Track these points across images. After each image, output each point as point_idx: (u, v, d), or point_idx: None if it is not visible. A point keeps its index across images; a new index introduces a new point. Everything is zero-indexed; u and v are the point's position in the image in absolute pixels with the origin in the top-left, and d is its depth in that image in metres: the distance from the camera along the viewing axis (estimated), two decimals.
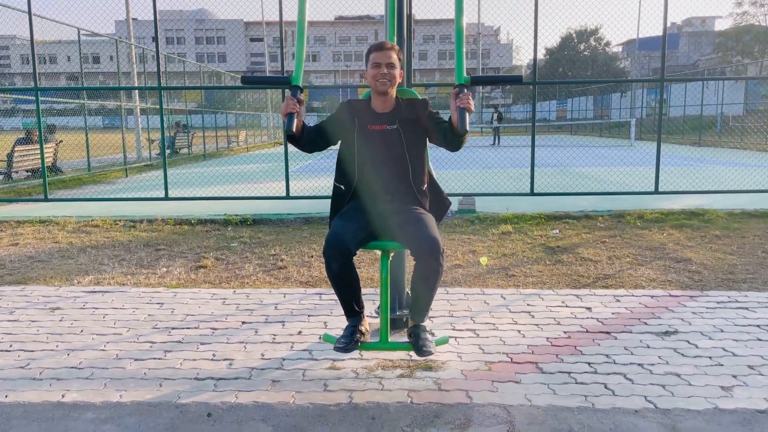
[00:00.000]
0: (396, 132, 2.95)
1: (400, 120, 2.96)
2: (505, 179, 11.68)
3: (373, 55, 2.94)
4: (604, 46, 59.01)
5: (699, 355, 3.24)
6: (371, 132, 2.96)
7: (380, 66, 2.91)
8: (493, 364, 3.16)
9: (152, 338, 3.57)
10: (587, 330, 3.65)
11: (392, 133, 2.95)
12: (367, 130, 2.97)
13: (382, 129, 2.96)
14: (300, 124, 2.85)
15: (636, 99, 33.94)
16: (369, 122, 2.98)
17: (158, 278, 4.95)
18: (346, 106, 3.07)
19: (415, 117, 2.98)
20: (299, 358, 3.26)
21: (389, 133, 2.95)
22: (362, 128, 2.97)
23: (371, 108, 3.02)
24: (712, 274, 4.90)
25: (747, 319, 3.80)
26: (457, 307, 4.09)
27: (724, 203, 8.17)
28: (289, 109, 2.77)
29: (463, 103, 2.72)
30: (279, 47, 7.01)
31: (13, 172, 11.48)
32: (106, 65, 52.56)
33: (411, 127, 2.97)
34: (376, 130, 2.96)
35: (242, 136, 26.94)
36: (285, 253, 5.80)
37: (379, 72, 2.91)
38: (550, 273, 5.00)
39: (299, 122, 2.83)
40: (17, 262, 5.51)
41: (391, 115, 2.99)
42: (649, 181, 9.56)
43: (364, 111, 3.01)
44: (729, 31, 41.70)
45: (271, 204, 8.56)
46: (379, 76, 2.91)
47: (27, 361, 3.22)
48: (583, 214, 7.58)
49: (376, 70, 2.92)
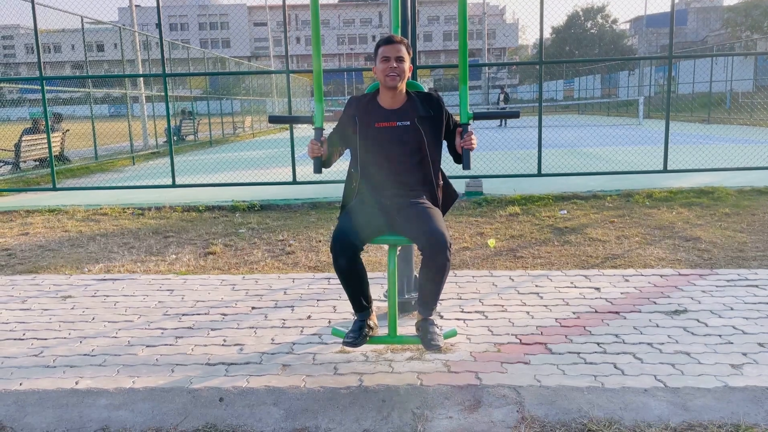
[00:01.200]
0: (411, 128, 2.91)
1: (419, 117, 2.92)
2: (512, 160, 11.63)
3: (382, 49, 2.90)
4: (612, 23, 58.33)
5: (709, 334, 3.24)
6: (378, 129, 2.92)
7: (389, 60, 2.86)
8: (503, 345, 3.17)
9: (163, 325, 3.60)
10: (596, 310, 3.65)
11: (406, 129, 2.91)
12: (372, 127, 2.92)
13: (392, 126, 2.92)
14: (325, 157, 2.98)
15: (644, 77, 33.60)
16: (375, 119, 2.93)
17: (168, 265, 4.98)
18: (347, 106, 3.04)
19: (433, 114, 2.95)
20: (309, 342, 3.28)
21: (401, 129, 2.91)
22: (366, 126, 2.93)
23: (378, 104, 2.97)
24: (722, 252, 4.87)
25: (757, 297, 3.78)
26: (465, 290, 4.09)
27: (734, 181, 8.11)
28: (314, 153, 2.93)
29: (467, 144, 2.90)
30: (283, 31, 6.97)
31: (21, 161, 11.53)
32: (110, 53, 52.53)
33: (429, 123, 2.93)
34: (384, 127, 2.92)
35: (248, 122, 26.91)
36: (293, 239, 5.82)
37: (389, 66, 2.86)
38: (558, 254, 4.99)
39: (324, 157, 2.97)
40: (28, 252, 5.55)
41: (404, 111, 2.94)
42: (658, 160, 9.49)
43: (368, 107, 2.97)
44: (738, 6, 41.02)
45: (278, 189, 8.57)
46: (389, 71, 2.86)
47: (40, 349, 3.26)
48: (592, 194, 7.54)
49: (385, 65, 2.87)
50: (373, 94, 3.03)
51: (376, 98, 3.00)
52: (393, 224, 2.89)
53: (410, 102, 2.97)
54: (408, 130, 2.91)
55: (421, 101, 2.97)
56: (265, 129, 29.20)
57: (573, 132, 20.15)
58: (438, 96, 3.03)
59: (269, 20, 41.28)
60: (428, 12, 79.16)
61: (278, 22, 55.50)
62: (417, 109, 2.94)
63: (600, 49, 53.95)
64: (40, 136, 11.73)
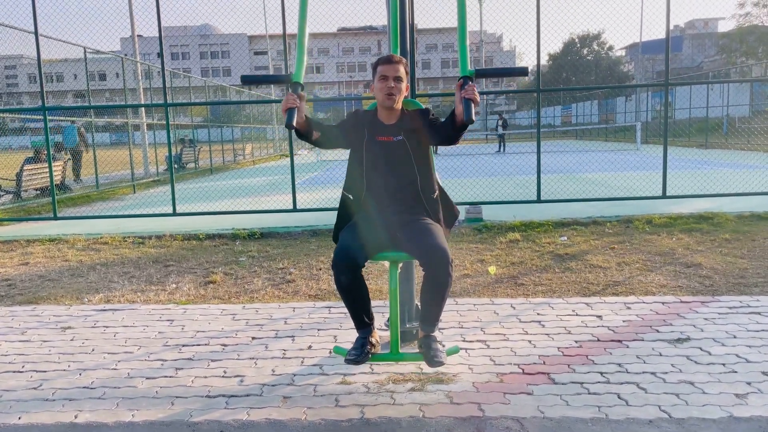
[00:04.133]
0: (402, 143, 2.97)
1: (405, 131, 2.98)
2: (511, 186, 11.67)
3: (381, 67, 2.96)
4: (608, 50, 58.99)
5: (712, 363, 3.22)
6: (378, 143, 2.98)
7: (387, 79, 2.93)
8: (505, 375, 3.14)
9: (163, 356, 3.58)
10: (599, 339, 3.63)
11: (398, 144, 2.97)
12: (375, 141, 2.99)
13: (389, 140, 2.98)
14: (302, 119, 2.83)
15: (641, 103, 33.89)
16: (376, 134, 3.00)
17: (168, 295, 4.96)
18: (354, 115, 3.09)
19: (418, 126, 2.99)
20: (310, 373, 3.26)
21: (395, 144, 2.97)
22: (371, 139, 2.99)
23: (378, 119, 3.05)
24: (723, 278, 4.87)
25: (760, 324, 3.77)
26: (466, 318, 4.08)
27: (733, 206, 8.12)
28: (288, 104, 2.76)
29: (468, 93, 2.69)
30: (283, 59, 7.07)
31: (22, 191, 11.57)
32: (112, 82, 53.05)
33: (415, 137, 2.98)
34: (383, 141, 2.98)
35: (248, 149, 27.06)
36: (293, 267, 5.81)
37: (386, 85, 2.93)
38: (559, 281, 4.98)
39: (301, 117, 2.81)
40: (28, 282, 5.54)
41: (397, 127, 3.01)
42: (657, 186, 9.52)
43: (372, 122, 3.04)
44: (732, 32, 41.57)
45: (279, 217, 8.58)
46: (386, 89, 2.93)
47: (39, 382, 3.24)
48: (591, 220, 7.55)
49: (383, 83, 2.94)
50: (374, 111, 3.10)
51: (376, 114, 3.07)
52: (394, 240, 2.90)
53: (403, 117, 3.04)
54: (400, 145, 2.98)
55: (411, 117, 3.04)
56: (266, 156, 29.35)
57: (571, 157, 20.25)
58: (426, 108, 3.10)
59: (269, 49, 41.74)
60: (427, 40, 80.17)
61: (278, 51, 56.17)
62: (407, 123, 3.01)
63: (596, 76, 54.45)
64: (42, 165, 11.78)
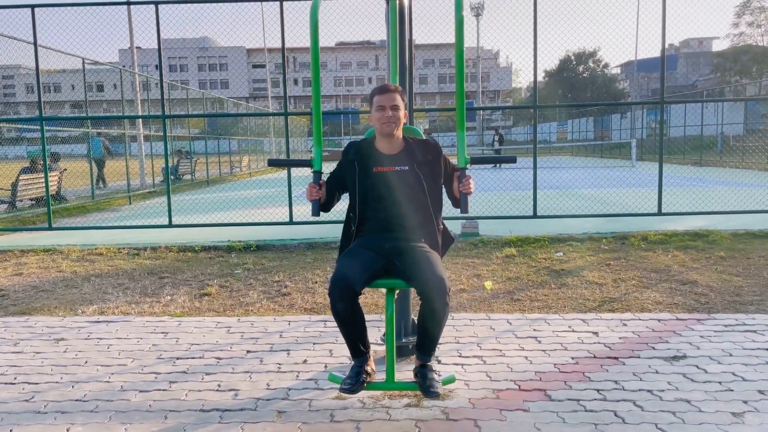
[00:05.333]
0: (410, 173, 2.95)
1: (417, 162, 2.97)
2: (507, 202, 11.69)
3: (377, 98, 2.96)
4: (603, 68, 59.49)
5: (709, 380, 3.21)
6: (377, 174, 2.97)
7: (384, 109, 2.93)
8: (501, 391, 3.13)
9: (157, 369, 3.55)
10: (595, 355, 3.62)
11: (405, 174, 2.96)
12: (371, 172, 2.97)
13: (390, 170, 2.96)
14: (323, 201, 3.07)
15: (636, 120, 34.10)
16: (374, 164, 2.98)
17: (162, 307, 4.93)
18: (347, 151, 3.09)
19: (430, 159, 3.00)
20: (305, 387, 3.24)
21: (399, 174, 2.96)
22: (365, 171, 2.97)
23: (377, 149, 3.03)
24: (719, 296, 4.87)
25: (756, 343, 3.77)
26: (463, 333, 4.06)
27: (728, 224, 8.16)
28: (312, 197, 3.02)
29: (465, 188, 2.93)
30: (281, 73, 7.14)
31: (17, 201, 11.53)
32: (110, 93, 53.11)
33: (428, 169, 2.99)
34: (382, 172, 2.97)
35: (245, 161, 27.07)
36: (289, 279, 5.79)
37: (384, 115, 2.93)
38: (555, 297, 4.98)
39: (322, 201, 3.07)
40: (21, 292, 5.50)
41: (401, 157, 2.99)
42: (652, 203, 9.55)
43: (368, 153, 3.02)
44: (727, 51, 42.04)
45: (275, 229, 8.57)
46: (384, 119, 2.93)
47: (32, 394, 3.20)
48: (587, 237, 7.57)
49: (380, 113, 2.94)
50: (372, 140, 3.08)
51: (374, 144, 3.05)
52: (392, 268, 2.89)
53: (408, 147, 3.02)
54: (407, 175, 2.96)
55: (418, 147, 3.03)
56: (262, 169, 29.36)
57: (567, 173, 20.33)
58: (435, 141, 3.09)
59: (268, 62, 41.92)
60: (424, 55, 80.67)
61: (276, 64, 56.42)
62: (415, 154, 2.99)
63: (592, 93, 54.85)
64: (38, 175, 11.76)
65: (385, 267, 2.90)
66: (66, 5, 8.26)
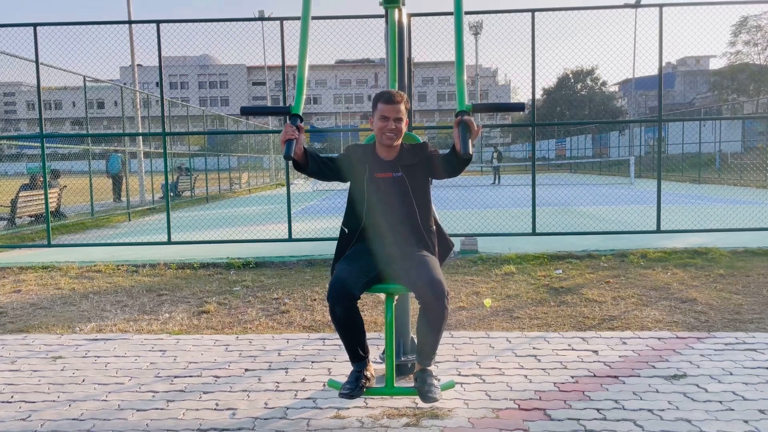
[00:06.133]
0: (401, 178, 2.99)
1: (403, 166, 3.00)
2: (506, 219, 11.70)
3: (381, 106, 2.96)
4: (601, 85, 59.82)
5: (709, 400, 3.19)
6: (378, 179, 3.00)
7: (388, 120, 2.94)
8: (501, 411, 3.11)
9: (154, 387, 3.53)
10: (595, 374, 3.60)
11: (397, 179, 2.99)
12: (374, 177, 3.00)
13: (388, 176, 3.00)
14: (300, 150, 2.81)
15: (634, 137, 34.25)
16: (376, 170, 3.02)
17: (160, 324, 4.92)
18: (354, 150, 3.09)
19: (416, 161, 3.02)
20: (303, 407, 3.22)
21: (395, 180, 2.99)
22: (371, 176, 3.01)
23: (377, 155, 3.06)
24: (719, 314, 4.86)
25: (756, 361, 3.75)
26: (462, 352, 4.05)
27: (727, 242, 8.16)
28: (287, 136, 2.75)
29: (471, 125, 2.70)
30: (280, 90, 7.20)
31: (16, 217, 11.52)
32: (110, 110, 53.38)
33: (413, 172, 3.01)
34: (381, 178, 3.00)
35: (244, 178, 27.12)
36: (287, 297, 5.78)
37: (387, 126, 2.94)
38: (555, 315, 4.97)
39: (299, 149, 2.79)
40: (19, 310, 5.48)
41: (396, 162, 3.03)
42: (651, 220, 9.56)
43: (371, 158, 3.05)
44: (724, 69, 42.31)
45: (274, 246, 8.56)
46: (386, 130, 2.95)
47: (28, 413, 3.18)
48: (586, 254, 7.57)
49: (383, 123, 2.95)
50: (372, 146, 3.10)
51: (375, 150, 3.07)
52: (390, 273, 2.90)
53: (401, 153, 3.05)
54: (401, 181, 3.00)
55: (410, 151, 3.06)
56: (261, 185, 29.42)
57: (566, 190, 20.36)
58: (425, 143, 3.12)
59: (268, 80, 42.20)
60: (423, 74, 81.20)
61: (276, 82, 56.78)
62: (407, 159, 3.03)
63: (590, 110, 55.09)
64: (37, 192, 11.77)
65: (384, 272, 2.90)
66: (68, 24, 8.34)
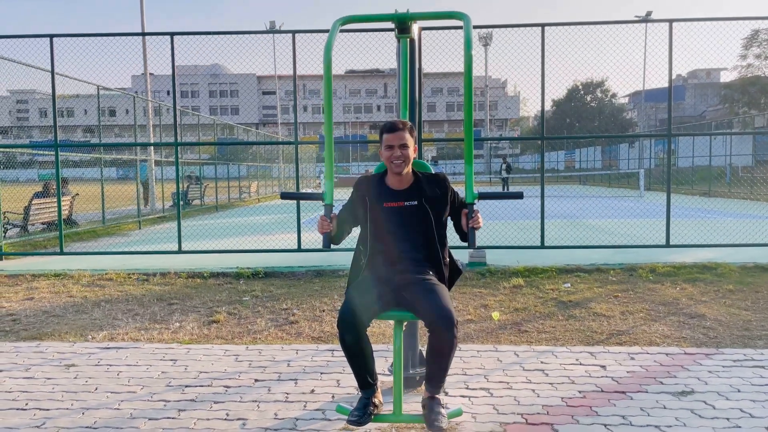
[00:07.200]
0: (419, 208, 3.02)
1: (425, 197, 3.04)
2: (515, 231, 11.70)
3: (386, 137, 3.03)
4: (611, 97, 59.80)
5: (716, 417, 3.20)
6: (387, 209, 3.04)
7: (393, 148, 3.00)
8: (508, 425, 3.13)
9: (166, 396, 3.58)
10: (602, 389, 3.62)
11: (413, 208, 3.03)
12: (381, 207, 3.04)
13: (399, 205, 3.04)
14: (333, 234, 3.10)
15: (644, 150, 34.18)
16: (384, 200, 3.05)
17: (171, 333, 4.97)
18: (357, 185, 3.16)
19: (439, 194, 3.07)
20: (312, 418, 3.25)
21: (408, 209, 3.03)
22: (376, 205, 3.04)
23: (386, 185, 3.10)
24: (727, 330, 4.86)
25: (764, 378, 3.75)
26: (470, 365, 4.07)
27: (737, 257, 8.13)
28: (323, 229, 3.05)
29: (474, 223, 3.03)
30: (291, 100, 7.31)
31: (29, 225, 11.65)
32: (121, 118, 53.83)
33: (435, 203, 3.05)
34: (392, 207, 3.04)
35: (254, 187, 27.26)
36: (296, 307, 5.82)
37: (393, 155, 3.00)
38: (563, 329, 4.98)
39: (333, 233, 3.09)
40: (32, 317, 5.56)
41: (410, 192, 3.06)
42: (660, 234, 9.55)
43: (378, 188, 3.10)
44: (735, 82, 42.20)
45: (283, 256, 8.62)
46: (393, 158, 3.00)
47: (42, 420, 3.23)
48: (595, 268, 7.57)
49: (389, 152, 3.01)
50: (382, 175, 3.15)
51: (384, 179, 3.12)
52: (400, 300, 2.93)
53: (417, 182, 3.09)
54: (415, 210, 3.02)
55: (427, 181, 3.09)
56: (271, 194, 29.55)
57: (575, 203, 20.34)
58: (444, 176, 3.16)
59: (278, 89, 42.49)
60: (432, 84, 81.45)
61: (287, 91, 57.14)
62: (423, 189, 3.06)
63: (600, 122, 55.06)
64: (50, 199, 11.90)
65: (394, 299, 2.94)
66: (84, 35, 8.48)
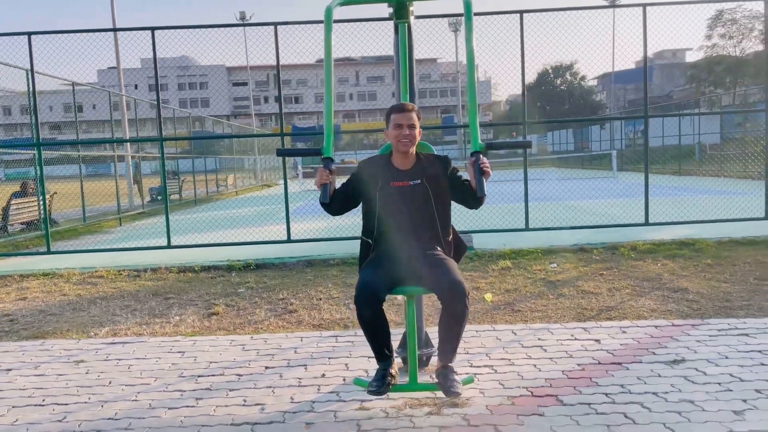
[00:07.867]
0: (421, 186, 3.15)
1: (426, 176, 3.17)
2: (499, 214, 11.88)
3: (395, 116, 3.15)
4: (580, 80, 60.51)
5: (708, 382, 3.41)
6: (393, 188, 3.16)
7: (402, 127, 3.13)
8: (516, 398, 3.30)
9: (181, 386, 3.67)
10: (599, 361, 3.81)
11: (416, 187, 3.15)
12: (389, 186, 3.16)
13: (405, 185, 3.16)
14: (332, 192, 3.08)
15: (615, 131, 34.76)
16: (391, 179, 3.18)
17: (173, 327, 5.04)
18: (366, 165, 3.27)
19: (440, 173, 3.20)
20: (328, 400, 3.38)
21: (412, 188, 3.16)
22: (384, 185, 3.17)
23: (392, 165, 3.22)
24: (710, 302, 5.10)
25: (748, 345, 3.98)
26: (471, 345, 4.23)
27: (712, 232, 8.45)
28: (322, 180, 3.04)
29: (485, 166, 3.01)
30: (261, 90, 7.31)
31: (9, 225, 11.49)
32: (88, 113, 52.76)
33: (436, 182, 3.18)
34: (398, 186, 3.16)
35: (231, 179, 27.09)
36: (293, 297, 5.92)
37: (401, 133, 3.12)
38: (554, 307, 5.17)
39: (332, 190, 3.07)
40: (29, 317, 5.57)
41: (414, 172, 3.19)
42: (638, 212, 9.84)
43: (385, 168, 3.21)
44: (700, 62, 43.01)
45: (272, 248, 8.68)
46: (402, 137, 3.13)
47: (63, 415, 3.30)
48: (579, 248, 7.80)
49: (398, 131, 3.13)
50: (387, 156, 3.27)
51: (390, 159, 3.24)
52: (411, 275, 3.07)
53: (420, 163, 3.23)
54: (418, 189, 3.17)
55: (429, 161, 3.23)
56: (248, 186, 29.39)
57: (554, 185, 20.69)
58: (445, 156, 3.29)
59: (250, 80, 42.14)
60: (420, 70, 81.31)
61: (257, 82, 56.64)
62: (426, 168, 3.19)
63: (570, 105, 55.73)
64: (29, 199, 11.74)
65: (405, 275, 3.07)
66: (62, 32, 8.37)
